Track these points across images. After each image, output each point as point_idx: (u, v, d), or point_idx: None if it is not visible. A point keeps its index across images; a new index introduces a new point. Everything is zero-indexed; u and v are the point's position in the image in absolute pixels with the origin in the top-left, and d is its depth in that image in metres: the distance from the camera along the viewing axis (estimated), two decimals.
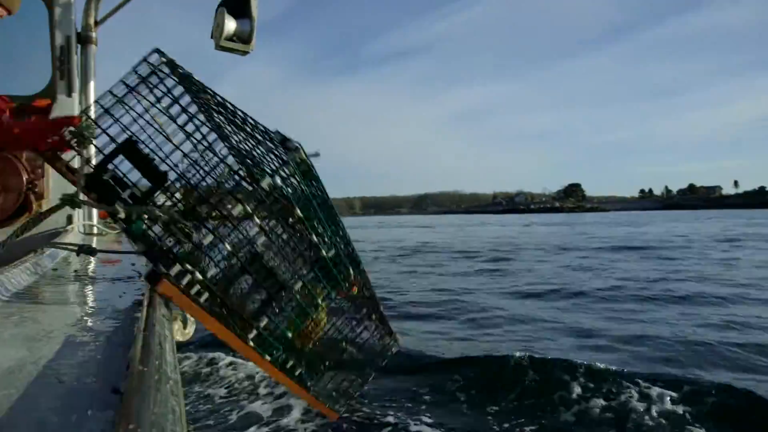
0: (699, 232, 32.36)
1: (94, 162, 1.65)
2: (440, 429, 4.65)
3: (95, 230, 3.64)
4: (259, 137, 1.62)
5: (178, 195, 1.68)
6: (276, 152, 1.56)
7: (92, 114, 1.64)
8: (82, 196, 1.67)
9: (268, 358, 1.64)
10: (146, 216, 1.49)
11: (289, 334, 1.70)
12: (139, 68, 1.60)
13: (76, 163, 1.87)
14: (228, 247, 1.51)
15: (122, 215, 1.49)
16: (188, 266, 1.41)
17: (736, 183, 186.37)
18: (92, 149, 1.69)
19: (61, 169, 1.82)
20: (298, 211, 1.58)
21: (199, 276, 1.43)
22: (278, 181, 1.48)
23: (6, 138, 1.84)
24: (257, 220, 1.52)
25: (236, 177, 1.65)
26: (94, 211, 3.75)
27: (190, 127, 1.65)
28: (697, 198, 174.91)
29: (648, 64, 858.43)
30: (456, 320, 9.02)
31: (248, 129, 1.65)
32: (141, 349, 0.96)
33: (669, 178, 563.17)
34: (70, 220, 3.43)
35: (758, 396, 5.05)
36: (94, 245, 2.14)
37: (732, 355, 6.64)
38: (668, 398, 5.06)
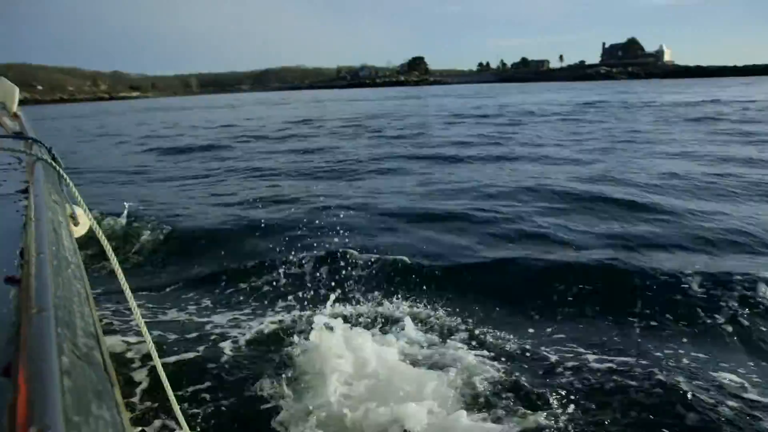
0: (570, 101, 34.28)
1: None
2: None
3: None
4: None
5: None
6: None
7: None
8: None
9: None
10: None
11: None
12: None
13: None
14: None
15: None
16: None
17: (561, 57, 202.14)
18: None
19: None
20: None
21: None
22: None
23: None
24: None
25: None
26: None
27: None
28: (529, 71, 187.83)
29: None
30: None
31: None
32: (34, 235, 0.89)
33: (504, 53, 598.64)
34: None
35: None
36: None
37: None
38: None
